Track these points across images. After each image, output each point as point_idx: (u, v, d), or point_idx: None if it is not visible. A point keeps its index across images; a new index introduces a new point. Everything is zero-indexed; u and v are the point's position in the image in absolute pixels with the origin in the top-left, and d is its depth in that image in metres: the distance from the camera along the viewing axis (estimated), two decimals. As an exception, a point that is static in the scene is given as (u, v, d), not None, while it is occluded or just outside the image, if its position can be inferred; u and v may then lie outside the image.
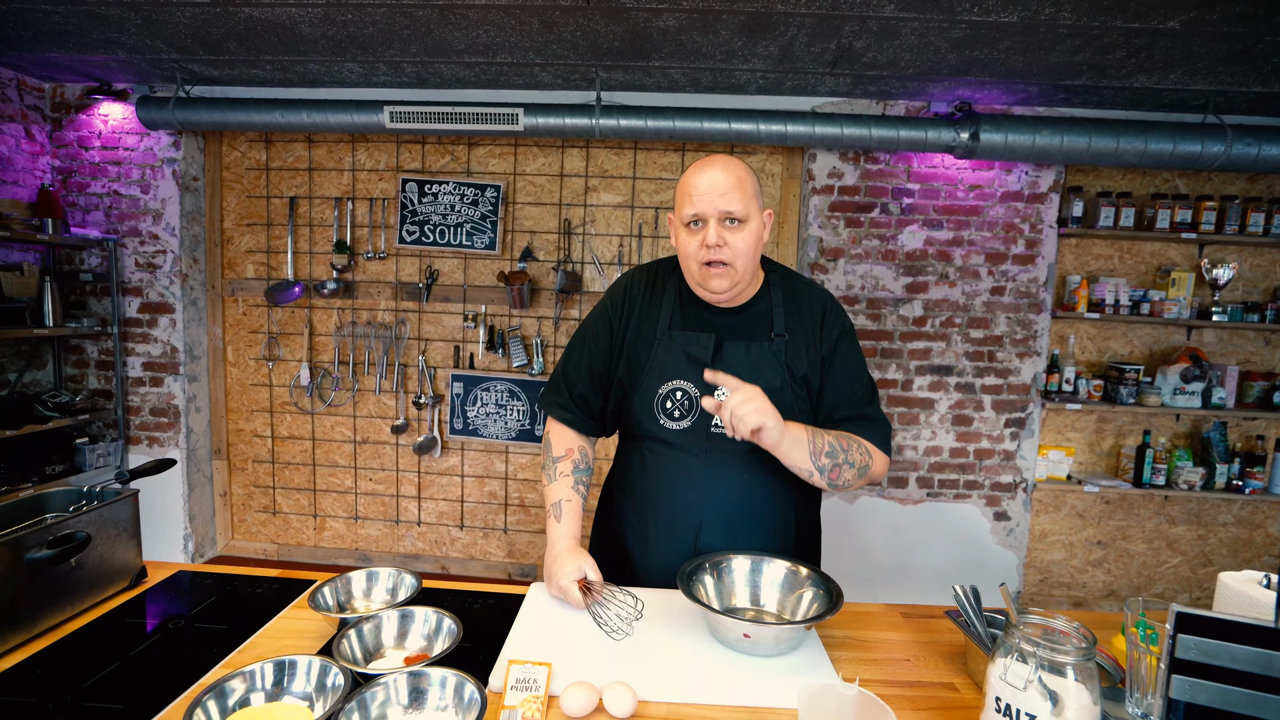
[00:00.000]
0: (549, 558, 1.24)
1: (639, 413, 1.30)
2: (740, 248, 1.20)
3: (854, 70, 2.73)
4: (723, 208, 1.18)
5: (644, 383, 1.30)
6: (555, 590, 1.19)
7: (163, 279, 3.32)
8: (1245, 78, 2.63)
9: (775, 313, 1.30)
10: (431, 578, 1.30)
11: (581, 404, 1.37)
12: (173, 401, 3.38)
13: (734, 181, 1.19)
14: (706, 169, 1.21)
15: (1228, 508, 3.37)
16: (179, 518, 3.41)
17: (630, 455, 1.38)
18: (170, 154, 3.25)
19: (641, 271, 1.40)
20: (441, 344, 3.46)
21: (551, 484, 1.33)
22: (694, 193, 1.20)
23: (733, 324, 1.30)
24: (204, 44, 2.65)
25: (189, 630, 1.07)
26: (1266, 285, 3.32)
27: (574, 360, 1.39)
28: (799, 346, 1.29)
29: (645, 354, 1.31)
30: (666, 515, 1.30)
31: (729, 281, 1.22)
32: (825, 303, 1.34)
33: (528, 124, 2.93)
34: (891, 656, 1.08)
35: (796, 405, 1.27)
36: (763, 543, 1.28)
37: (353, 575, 1.15)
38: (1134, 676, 0.80)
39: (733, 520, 1.28)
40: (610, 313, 1.37)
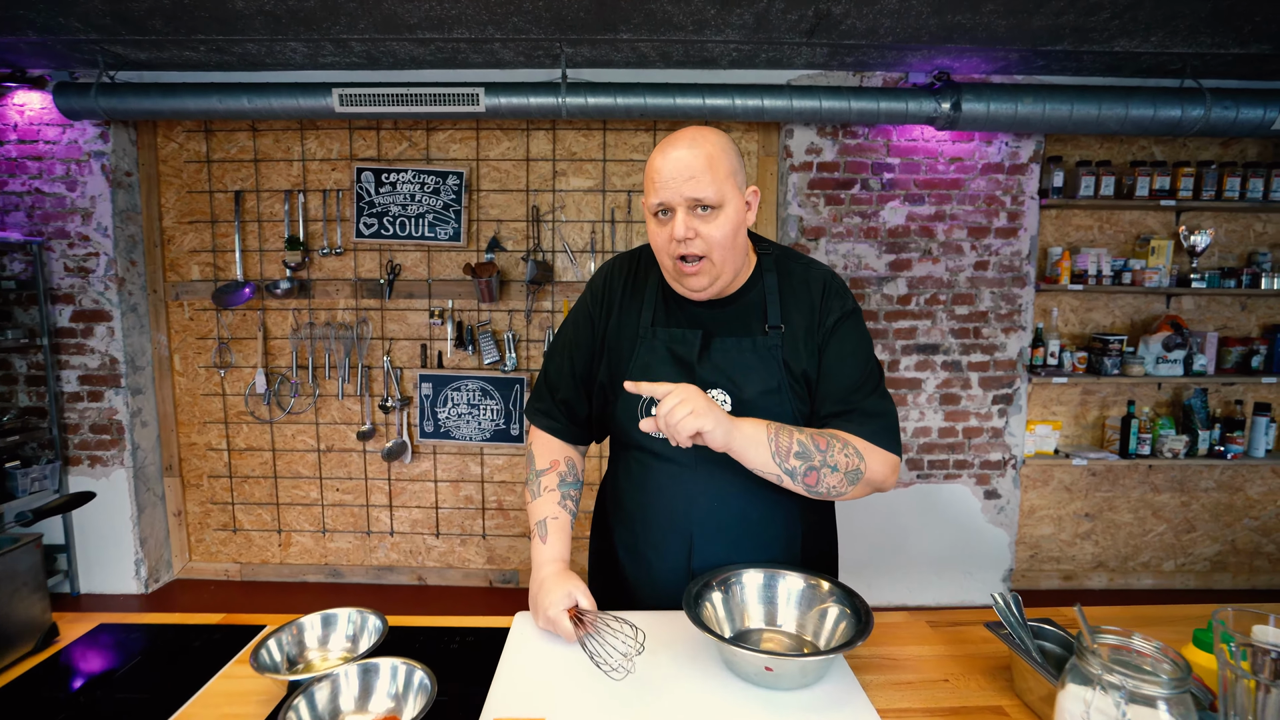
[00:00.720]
0: (534, 584, 1.10)
1: (623, 419, 1.18)
2: (715, 237, 1.04)
3: (831, 39, 2.60)
4: (690, 194, 1.02)
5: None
6: (543, 622, 1.05)
7: (97, 284, 3.06)
8: (1224, 39, 2.58)
9: (769, 300, 1.15)
10: (404, 599, 1.14)
11: (566, 410, 1.24)
12: (115, 417, 3.12)
13: (703, 161, 1.02)
14: (671, 148, 1.04)
15: (1209, 473, 3.38)
16: (129, 542, 3.17)
17: (618, 465, 1.26)
18: (97, 146, 2.98)
19: (623, 261, 1.26)
20: (407, 343, 3.27)
21: (535, 500, 1.19)
22: (658, 178, 1.04)
23: (721, 317, 1.15)
24: (126, 22, 2.40)
25: (109, 700, 0.90)
26: (1241, 250, 3.31)
27: (555, 362, 1.26)
28: (798, 338, 1.13)
29: (627, 354, 1.18)
30: (657, 532, 1.17)
31: (707, 279, 1.08)
32: (826, 283, 1.16)
33: (489, 104, 2.74)
34: (927, 677, 0.96)
35: (797, 409, 1.12)
36: (763, 559, 1.13)
37: (305, 621, 0.99)
38: (1229, 701, 0.70)
39: (729, 536, 1.14)
40: (591, 308, 1.23)
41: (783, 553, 1.17)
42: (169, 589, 3.31)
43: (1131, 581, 3.43)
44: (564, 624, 1.00)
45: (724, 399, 1.11)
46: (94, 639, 1.08)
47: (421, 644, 1.06)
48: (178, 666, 0.99)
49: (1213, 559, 3.45)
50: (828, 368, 1.13)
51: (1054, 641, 0.93)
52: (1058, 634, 0.93)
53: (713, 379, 1.11)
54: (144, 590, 3.22)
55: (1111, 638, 0.72)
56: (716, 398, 1.10)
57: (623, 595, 1.23)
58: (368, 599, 3.25)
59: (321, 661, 0.98)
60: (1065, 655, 0.91)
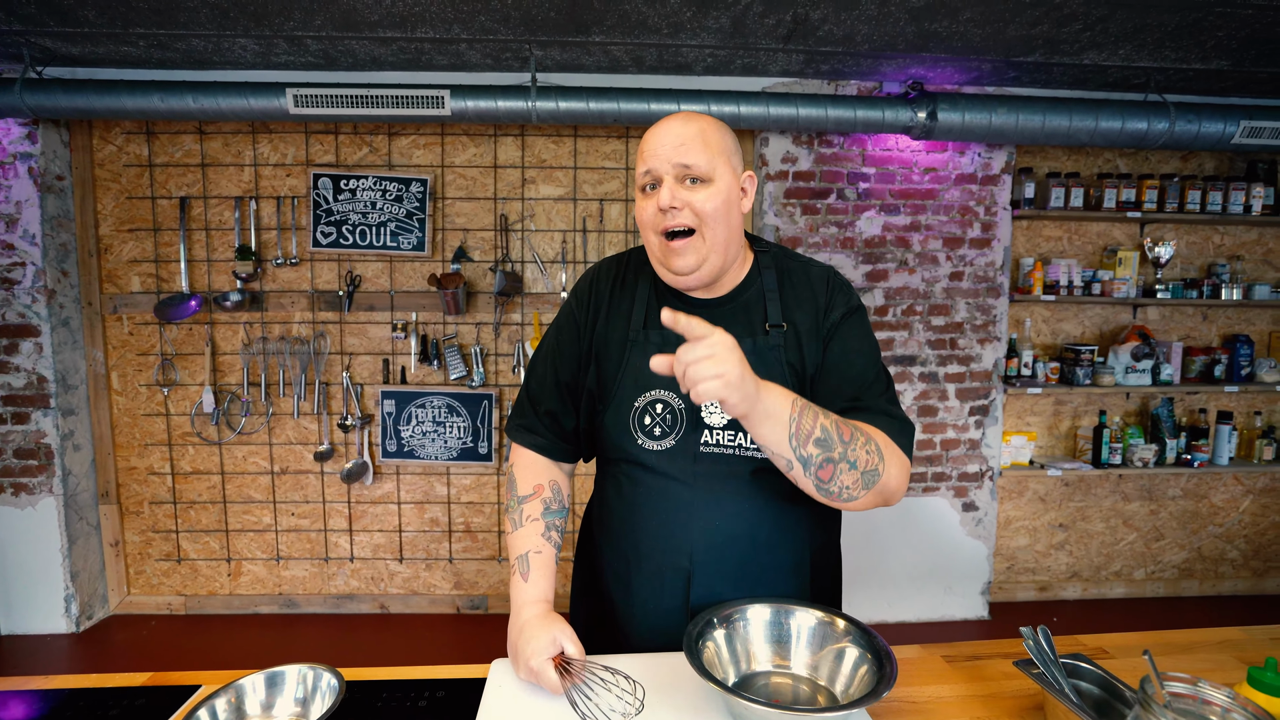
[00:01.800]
0: (514, 629, 0.98)
1: (613, 430, 1.08)
2: (705, 209, 0.97)
3: (808, 46, 2.56)
4: (678, 160, 0.97)
5: (617, 394, 1.07)
6: (524, 673, 0.93)
7: (23, 296, 2.81)
8: (1187, 54, 2.63)
9: (769, 298, 1.06)
10: (366, 628, 1.01)
11: (551, 423, 1.14)
12: (43, 440, 2.87)
13: (694, 131, 0.98)
14: (664, 123, 1.01)
15: (1176, 481, 3.42)
16: (58, 576, 2.91)
17: (606, 483, 1.15)
18: (24, 148, 2.75)
19: (610, 263, 1.18)
20: (368, 358, 3.09)
21: (517, 531, 1.07)
22: (647, 148, 1.00)
23: (718, 317, 1.04)
24: (54, 12, 2.21)
25: (-1, 796, 0.75)
26: (1202, 262, 3.38)
27: (538, 373, 1.16)
28: (801, 339, 1.04)
29: (617, 359, 1.08)
30: (650, 558, 1.06)
31: (695, 257, 0.98)
32: (830, 280, 1.09)
33: (455, 107, 2.62)
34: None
35: None
36: (769, 588, 1.04)
37: (246, 682, 0.85)
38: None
39: (731, 562, 1.04)
40: (576, 313, 1.14)
41: (791, 581, 1.07)
42: (104, 627, 3.04)
43: (1105, 591, 3.44)
44: (549, 675, 0.89)
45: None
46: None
47: (384, 703, 0.93)
48: (90, 743, 0.84)
49: (1180, 566, 3.49)
50: (834, 361, 1.04)
51: (1090, 680, 0.85)
52: (1093, 672, 0.85)
53: None
54: (75, 629, 2.95)
55: (1178, 685, 0.64)
56: (717, 404, 1.01)
57: (611, 630, 1.11)
58: (325, 630, 3.04)
59: (265, 731, 0.84)
60: (1104, 696, 0.83)
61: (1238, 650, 1.05)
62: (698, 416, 1.03)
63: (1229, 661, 1.01)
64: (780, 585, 1.06)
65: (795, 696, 0.90)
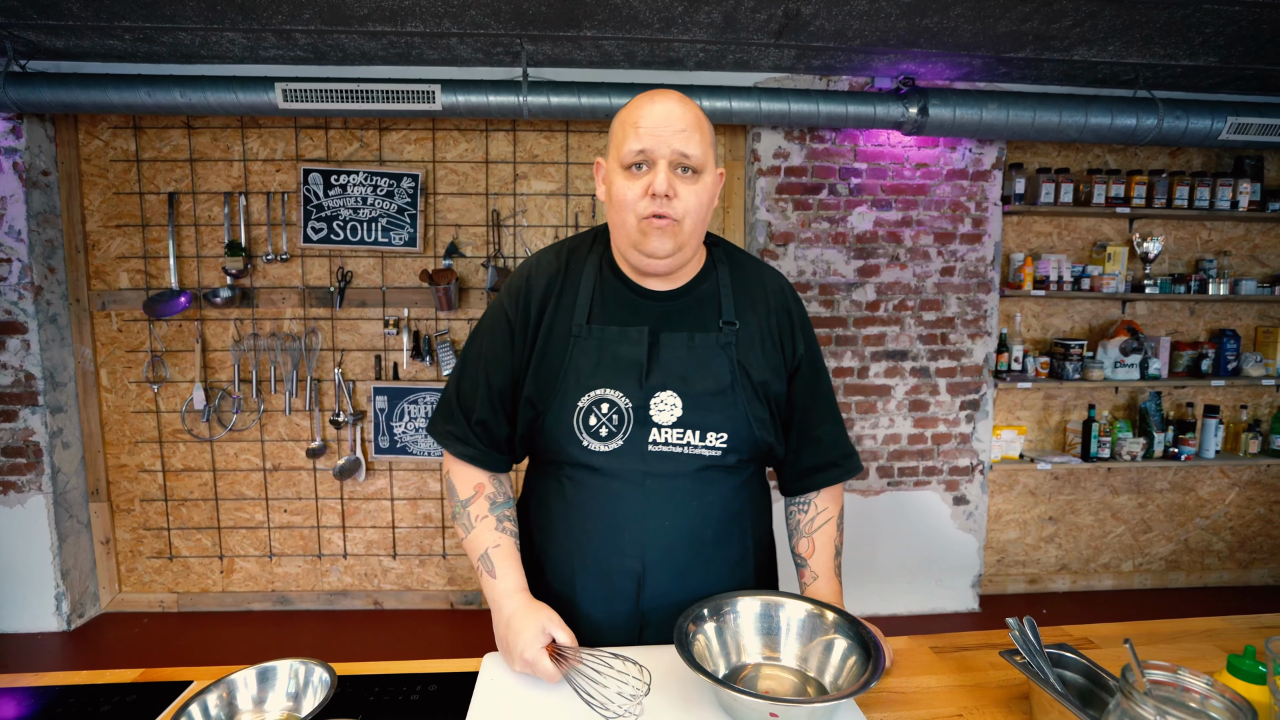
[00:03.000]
0: (499, 625, 0.98)
1: (555, 433, 1.03)
2: (692, 204, 0.96)
3: (799, 41, 2.57)
4: (679, 147, 0.94)
5: (559, 395, 1.02)
6: (519, 666, 0.93)
7: (9, 293, 2.79)
8: (1175, 50, 2.64)
9: (724, 295, 1.06)
10: (359, 625, 1.01)
11: (483, 433, 1.06)
12: (31, 438, 2.85)
13: (693, 118, 0.96)
14: (659, 99, 0.96)
15: (1164, 474, 3.46)
16: (48, 575, 2.89)
17: (547, 486, 1.09)
18: (9, 143, 2.72)
19: (548, 254, 1.10)
20: (360, 354, 3.08)
21: (470, 535, 1.05)
22: (641, 123, 0.94)
23: (670, 311, 1.04)
24: (37, 5, 2.18)
25: (-11, 792, 0.75)
26: (1189, 257, 3.41)
27: (468, 378, 1.08)
28: (752, 339, 1.05)
29: (558, 358, 1.03)
30: (599, 561, 1.03)
31: (673, 243, 0.97)
32: (783, 289, 1.12)
33: (446, 103, 2.61)
34: (940, 712, 0.89)
35: (750, 412, 1.03)
36: (717, 583, 1.05)
37: (237, 678, 0.85)
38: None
39: (680, 561, 1.03)
40: (509, 310, 1.07)
41: (735, 573, 1.08)
42: (95, 625, 3.03)
43: (1093, 583, 3.48)
44: (544, 664, 0.89)
45: (675, 402, 1.00)
46: (-22, 708, 0.91)
47: (376, 697, 0.93)
48: (81, 740, 0.84)
49: (1167, 558, 3.53)
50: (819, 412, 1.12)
51: (1074, 670, 0.87)
52: (1078, 662, 0.87)
53: (663, 382, 1.01)
54: (66, 628, 2.94)
55: (1158, 673, 0.65)
56: (666, 401, 1.00)
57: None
58: (318, 627, 3.03)
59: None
60: (1088, 685, 0.85)
61: (1221, 640, 1.07)
62: (646, 414, 1.00)
63: (1212, 651, 1.03)
64: (726, 579, 1.07)
65: (785, 688, 0.91)
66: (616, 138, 0.99)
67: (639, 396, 0.99)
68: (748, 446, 1.04)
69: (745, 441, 1.03)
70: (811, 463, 1.12)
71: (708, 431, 1.01)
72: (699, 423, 1.00)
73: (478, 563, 1.03)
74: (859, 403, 3.12)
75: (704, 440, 1.01)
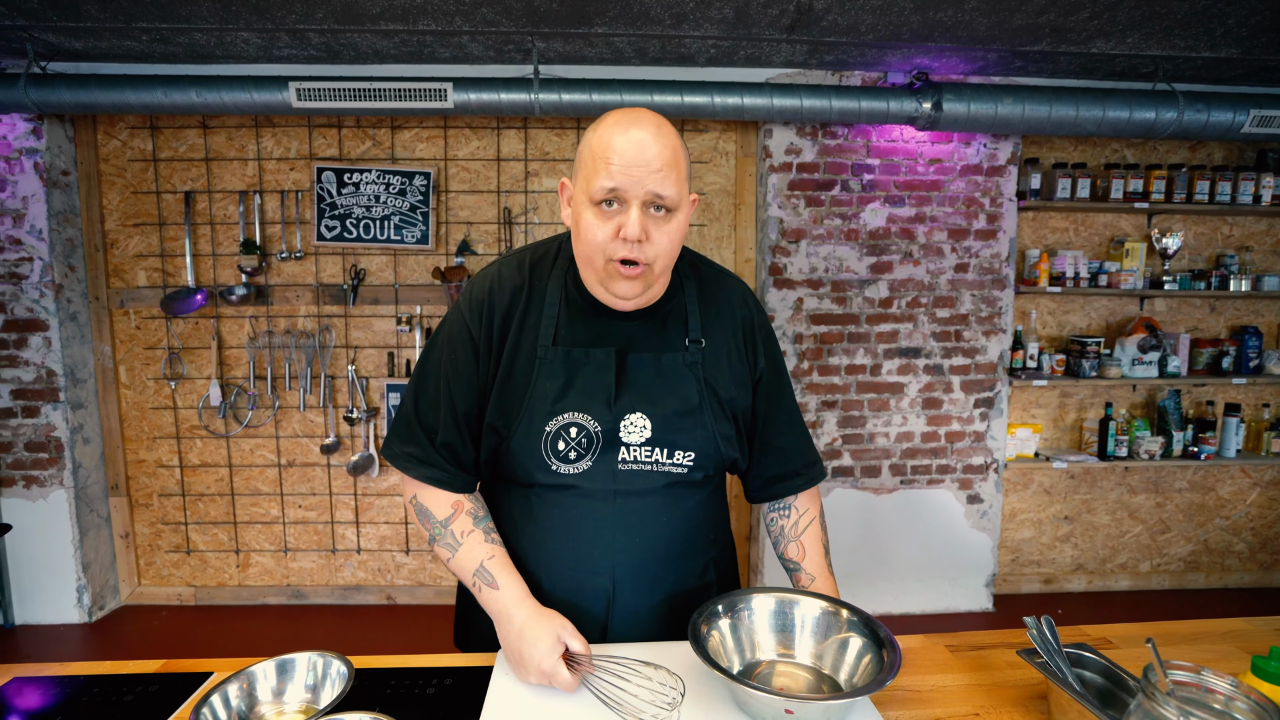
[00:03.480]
0: (510, 636, 0.93)
1: (521, 457, 0.99)
2: (664, 245, 0.92)
3: (811, 36, 2.55)
4: (654, 189, 0.88)
5: (525, 419, 0.98)
6: (535, 678, 0.89)
7: (31, 291, 2.83)
8: (1196, 42, 2.60)
9: (690, 312, 1.04)
10: (373, 619, 1.02)
11: (449, 456, 1.01)
12: (53, 434, 2.89)
13: (670, 155, 0.89)
14: (634, 127, 0.89)
15: (1183, 474, 3.41)
16: (70, 568, 2.94)
17: (513, 505, 1.05)
18: (29, 143, 2.76)
19: (509, 267, 1.04)
20: (373, 351, 3.11)
21: (456, 554, 0.99)
22: (614, 159, 0.88)
23: (637, 331, 1.01)
24: (56, 7, 2.21)
25: (16, 781, 0.76)
26: (1210, 253, 3.36)
27: (427, 397, 1.02)
28: (718, 355, 1.04)
29: (523, 381, 0.99)
30: (569, 579, 1.02)
31: (642, 286, 0.95)
32: (745, 299, 1.10)
33: (458, 100, 2.62)
34: (956, 711, 0.88)
35: (717, 430, 1.03)
36: (684, 597, 1.05)
37: (257, 669, 0.86)
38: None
39: (649, 576, 1.03)
40: (471, 326, 1.00)
41: (699, 582, 1.09)
42: (116, 617, 3.07)
43: (1110, 583, 3.44)
44: (563, 675, 0.87)
45: (644, 424, 0.98)
46: (7, 695, 0.92)
47: (393, 690, 0.94)
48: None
49: (1186, 559, 3.48)
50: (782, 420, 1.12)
51: (1094, 670, 0.86)
52: (1097, 661, 0.86)
53: (632, 404, 0.99)
54: (87, 619, 2.99)
55: (1181, 674, 0.64)
56: (636, 423, 0.98)
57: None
58: (333, 621, 3.06)
59: (276, 718, 0.85)
60: (1107, 686, 0.84)
61: (1243, 641, 1.06)
62: (615, 436, 0.98)
63: (1233, 652, 1.02)
64: (692, 589, 1.07)
65: (800, 685, 0.90)
66: (586, 167, 0.92)
67: (608, 420, 0.98)
68: (713, 463, 1.05)
69: (711, 459, 1.04)
70: (775, 472, 1.13)
71: (675, 450, 1.00)
72: (667, 442, 1.00)
73: (473, 578, 0.98)
74: (871, 400, 3.10)
75: (671, 458, 1.01)
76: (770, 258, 3.00)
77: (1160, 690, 0.61)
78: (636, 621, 1.04)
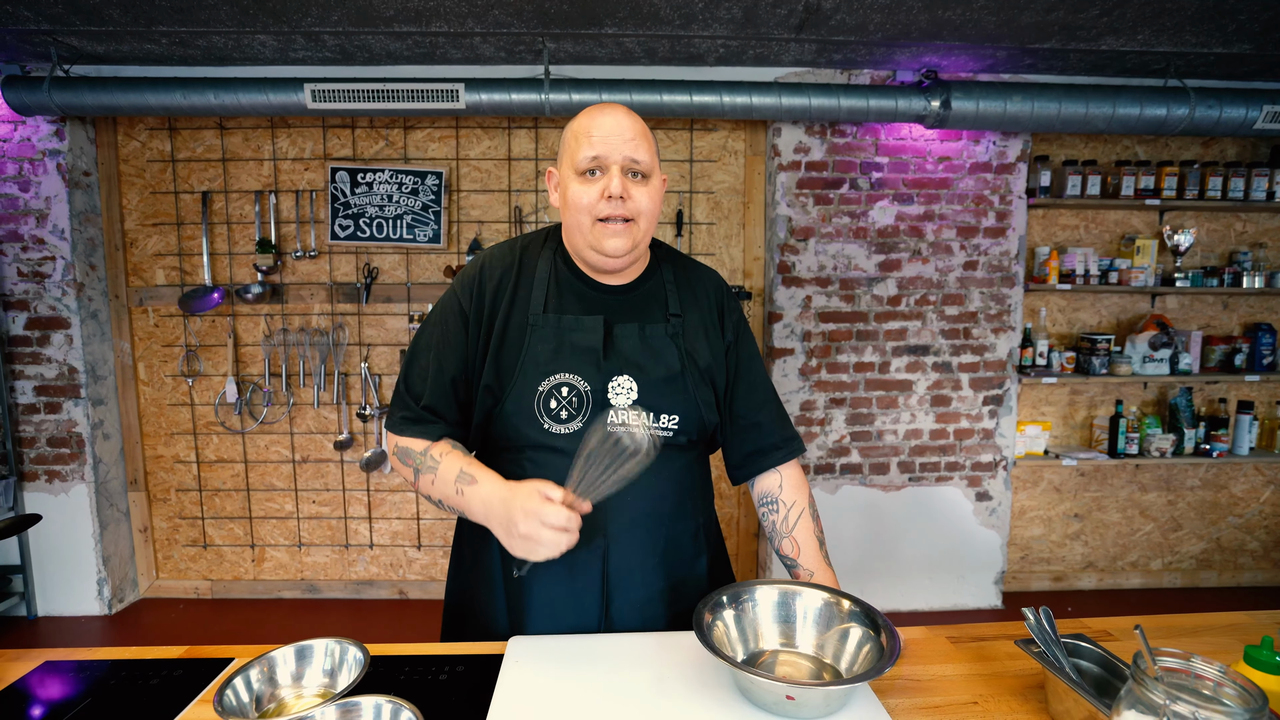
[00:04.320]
0: (500, 516, 0.93)
1: (515, 419, 1.05)
2: (644, 204, 1.04)
3: (820, 35, 2.56)
4: (629, 154, 1.02)
5: (519, 381, 1.05)
6: (525, 527, 0.89)
7: (53, 289, 2.90)
8: (1208, 38, 2.59)
9: (668, 290, 1.15)
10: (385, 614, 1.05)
11: (432, 416, 1.08)
12: (75, 429, 2.96)
13: (640, 129, 1.04)
14: (608, 110, 1.04)
15: (1194, 471, 3.39)
16: (90, 561, 3.01)
17: (506, 469, 1.06)
18: (53, 145, 2.83)
19: (501, 248, 1.15)
20: (385, 349, 3.15)
21: (439, 467, 1.02)
22: (594, 133, 1.02)
23: (621, 304, 1.12)
24: (79, 11, 2.27)
25: (51, 756, 0.80)
26: (1223, 250, 3.34)
27: (417, 366, 1.10)
28: (696, 330, 1.14)
29: (516, 346, 1.07)
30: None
31: (629, 241, 1.04)
32: (718, 284, 1.21)
33: (470, 101, 2.65)
34: (955, 700, 0.90)
35: (699, 396, 1.10)
36: (677, 555, 1.11)
37: (277, 655, 0.89)
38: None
39: (641, 536, 1.07)
40: (463, 301, 1.09)
41: (692, 546, 1.14)
42: (134, 609, 3.14)
43: (1120, 581, 3.43)
44: (549, 509, 0.88)
45: (631, 385, 1.05)
46: (38, 679, 0.97)
47: (406, 676, 0.97)
48: (132, 710, 0.89)
49: (1199, 557, 3.47)
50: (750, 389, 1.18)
51: (1090, 659, 0.87)
52: (1093, 651, 0.87)
53: (619, 367, 1.06)
54: (107, 611, 3.06)
55: (1171, 660, 0.66)
56: (623, 385, 1.05)
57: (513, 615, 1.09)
58: (346, 615, 3.11)
59: (295, 701, 0.88)
60: (1103, 675, 0.85)
61: (1244, 634, 1.06)
62: (604, 397, 1.05)
63: (1234, 644, 1.03)
64: (686, 551, 1.12)
65: (802, 673, 0.93)
66: (570, 147, 1.05)
67: (597, 380, 1.05)
68: (696, 428, 1.11)
69: (694, 423, 1.10)
70: (754, 446, 1.19)
71: (661, 413, 1.07)
72: (653, 405, 1.06)
73: (455, 485, 1.00)
74: (880, 398, 3.11)
75: (658, 421, 1.07)
76: (779, 256, 3.02)
77: (1148, 675, 0.63)
78: (630, 578, 1.07)
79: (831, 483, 3.14)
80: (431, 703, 0.88)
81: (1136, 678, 0.64)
